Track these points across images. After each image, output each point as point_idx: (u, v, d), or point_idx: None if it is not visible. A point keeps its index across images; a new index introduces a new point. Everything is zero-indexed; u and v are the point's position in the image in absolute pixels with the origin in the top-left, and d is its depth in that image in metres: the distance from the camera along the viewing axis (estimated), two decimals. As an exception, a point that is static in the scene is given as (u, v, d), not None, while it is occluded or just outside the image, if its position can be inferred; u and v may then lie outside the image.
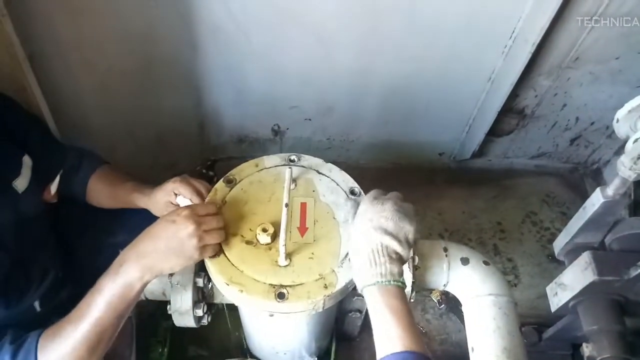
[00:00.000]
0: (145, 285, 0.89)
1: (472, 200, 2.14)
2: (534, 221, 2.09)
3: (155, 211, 1.14)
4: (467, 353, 1.04)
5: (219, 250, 0.96)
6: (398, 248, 0.84)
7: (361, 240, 0.86)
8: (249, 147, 2.05)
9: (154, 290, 1.15)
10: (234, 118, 1.90)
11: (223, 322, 1.39)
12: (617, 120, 1.02)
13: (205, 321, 1.17)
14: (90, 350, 0.86)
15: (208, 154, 2.07)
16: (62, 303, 1.07)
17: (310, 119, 1.92)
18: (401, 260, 0.86)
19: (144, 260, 0.87)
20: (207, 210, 0.94)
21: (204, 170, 2.07)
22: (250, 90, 1.76)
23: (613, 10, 1.42)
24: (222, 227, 0.96)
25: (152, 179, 1.92)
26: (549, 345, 1.65)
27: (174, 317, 1.11)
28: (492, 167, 2.23)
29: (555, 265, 1.93)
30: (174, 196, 1.08)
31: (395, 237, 0.84)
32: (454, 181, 2.18)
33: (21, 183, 1.01)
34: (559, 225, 2.07)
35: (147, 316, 1.59)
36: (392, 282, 0.81)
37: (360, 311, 1.41)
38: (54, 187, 1.15)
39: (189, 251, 0.89)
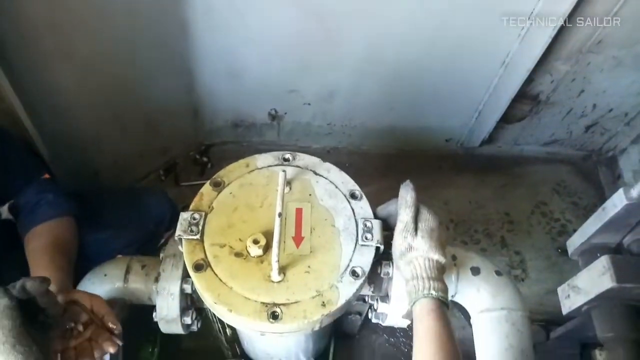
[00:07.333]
0: None
1: (480, 189, 2.04)
2: (543, 212, 2.00)
3: None
4: (469, 350, 0.98)
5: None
6: None
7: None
8: (245, 131, 1.95)
9: (139, 296, 1.08)
10: (229, 102, 1.80)
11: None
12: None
13: (194, 327, 1.09)
14: None
15: (202, 138, 1.97)
16: None
17: (309, 104, 1.81)
18: None
19: None
20: None
21: (197, 156, 1.98)
22: (246, 74, 1.65)
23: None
24: None
25: (144, 167, 1.86)
26: (557, 344, 1.59)
27: (160, 325, 1.04)
28: (502, 154, 2.13)
29: (564, 258, 1.84)
30: None
31: None
32: (461, 169, 2.08)
33: None
34: (570, 217, 1.98)
35: (137, 310, 1.52)
36: None
37: (360, 314, 1.33)
38: (4, 212, 1.07)
39: None
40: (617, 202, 1.18)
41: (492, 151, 2.12)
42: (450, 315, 1.75)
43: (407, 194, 0.86)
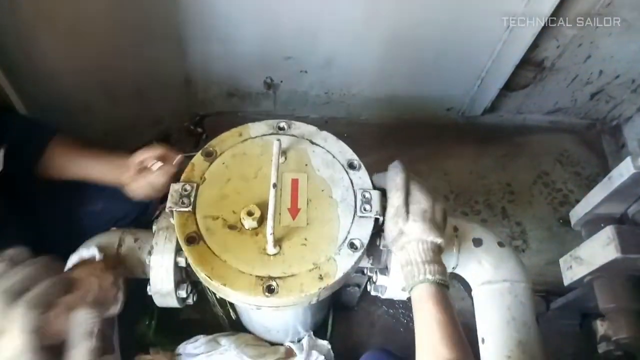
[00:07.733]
0: None
1: (481, 159, 2.00)
2: (545, 182, 1.96)
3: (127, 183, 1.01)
4: (469, 322, 0.96)
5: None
6: None
7: None
8: (240, 101, 1.89)
9: (133, 269, 1.05)
10: (223, 70, 1.73)
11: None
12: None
13: (190, 301, 1.07)
14: None
15: (196, 109, 1.91)
16: None
17: (306, 71, 1.75)
18: None
19: None
20: None
21: (191, 127, 1.93)
22: (239, 40, 1.58)
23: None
24: None
25: (136, 138, 1.81)
26: (557, 314, 1.58)
27: (154, 299, 1.02)
28: (504, 123, 2.07)
29: (566, 229, 1.82)
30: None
31: None
32: (462, 138, 2.03)
33: None
34: (572, 187, 1.94)
35: (133, 283, 1.50)
36: None
37: (359, 286, 1.31)
38: None
39: None
40: (623, 171, 1.14)
41: (494, 120, 2.06)
42: (451, 288, 1.75)
43: (396, 176, 0.81)
